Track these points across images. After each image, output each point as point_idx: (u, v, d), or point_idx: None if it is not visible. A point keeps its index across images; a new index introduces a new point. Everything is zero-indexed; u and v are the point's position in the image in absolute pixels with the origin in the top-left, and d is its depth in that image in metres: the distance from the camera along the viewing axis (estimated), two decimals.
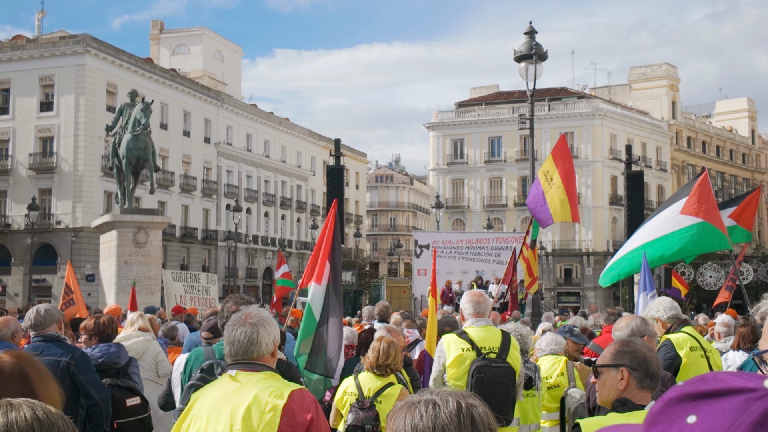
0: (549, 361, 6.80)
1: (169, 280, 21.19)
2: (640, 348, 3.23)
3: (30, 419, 1.53)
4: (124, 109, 22.87)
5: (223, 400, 3.05)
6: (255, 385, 3.06)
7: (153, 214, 24.16)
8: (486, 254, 33.02)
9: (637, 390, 3.13)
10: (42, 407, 1.59)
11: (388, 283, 41.94)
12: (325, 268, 6.57)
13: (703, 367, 5.82)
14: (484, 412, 1.68)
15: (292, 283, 17.43)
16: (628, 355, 3.18)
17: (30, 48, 47.06)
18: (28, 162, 46.10)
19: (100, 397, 4.94)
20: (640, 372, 3.14)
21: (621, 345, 3.28)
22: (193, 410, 3.14)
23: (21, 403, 1.58)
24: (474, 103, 68.86)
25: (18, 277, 44.51)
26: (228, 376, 3.14)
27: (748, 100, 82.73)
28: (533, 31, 16.98)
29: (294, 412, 2.98)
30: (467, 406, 1.66)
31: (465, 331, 5.60)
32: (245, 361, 3.16)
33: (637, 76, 71.72)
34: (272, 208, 64.28)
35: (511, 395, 5.34)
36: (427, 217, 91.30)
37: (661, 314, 6.03)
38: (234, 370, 3.14)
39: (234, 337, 3.20)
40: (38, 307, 5.64)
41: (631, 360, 3.16)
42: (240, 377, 3.10)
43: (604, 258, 61.17)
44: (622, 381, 3.14)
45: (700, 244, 8.83)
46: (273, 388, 3.05)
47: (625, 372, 3.14)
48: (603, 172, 62.19)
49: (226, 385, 3.12)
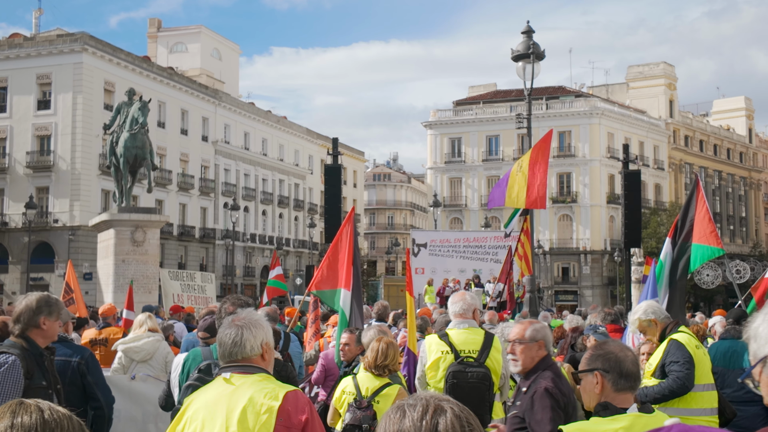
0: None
1: (166, 279, 21.20)
2: (613, 350, 3.22)
3: (35, 420, 1.54)
4: (122, 107, 22.85)
5: (217, 403, 3.06)
6: (249, 388, 3.07)
7: (151, 213, 24.15)
8: (483, 253, 33.06)
9: (614, 392, 3.12)
10: (50, 408, 1.61)
11: (385, 282, 41.92)
12: (351, 275, 6.66)
13: (707, 365, 5.88)
14: (454, 419, 1.71)
15: (285, 286, 17.35)
16: (600, 358, 3.18)
17: (27, 46, 47.01)
18: (26, 160, 46.05)
19: (106, 400, 4.92)
20: (613, 374, 3.13)
21: (594, 349, 3.29)
22: (188, 413, 3.14)
23: (31, 404, 1.60)
24: (472, 101, 68.91)
25: (15, 276, 44.47)
26: (222, 378, 3.15)
27: (746, 99, 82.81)
28: (531, 30, 17.00)
29: (289, 413, 3.00)
30: (433, 414, 1.70)
31: (447, 333, 5.61)
32: (238, 364, 3.17)
33: (635, 75, 71.79)
34: (270, 206, 64.29)
35: (487, 399, 5.33)
36: (424, 215, 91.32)
37: (658, 316, 6.05)
38: (228, 372, 3.15)
39: (221, 338, 3.24)
40: None
41: (604, 363, 3.16)
42: (234, 380, 3.12)
43: (602, 256, 61.28)
44: (597, 385, 3.14)
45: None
46: (267, 390, 3.06)
47: (599, 375, 3.14)
48: (600, 171, 62.27)
49: (220, 387, 3.13)
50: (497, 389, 5.49)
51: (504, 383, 5.57)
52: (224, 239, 54.75)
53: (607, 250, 60.65)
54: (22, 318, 4.38)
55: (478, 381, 5.30)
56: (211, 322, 6.23)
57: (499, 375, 5.45)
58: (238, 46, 75.83)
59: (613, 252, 57.19)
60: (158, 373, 7.08)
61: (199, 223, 55.83)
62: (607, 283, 60.57)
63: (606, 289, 60.64)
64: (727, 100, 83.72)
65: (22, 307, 4.42)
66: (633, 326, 6.38)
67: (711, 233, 9.34)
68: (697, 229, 9.34)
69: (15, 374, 4.13)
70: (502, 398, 5.66)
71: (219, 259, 56.18)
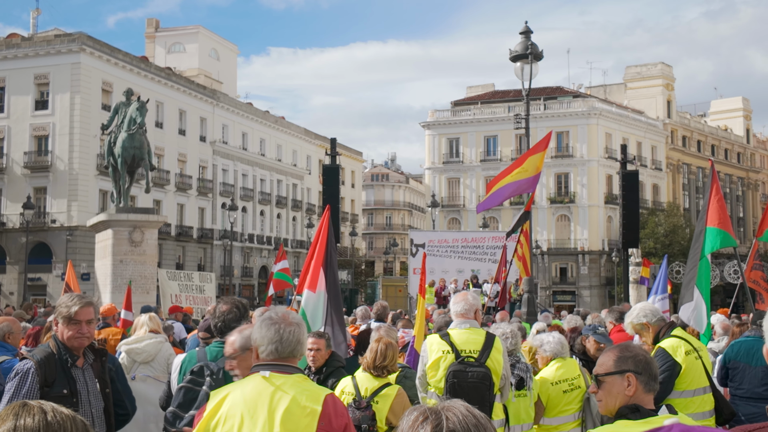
0: (565, 362, 6.56)
1: (164, 279, 21.17)
2: (640, 352, 3.20)
3: (38, 422, 1.54)
4: (120, 107, 22.83)
5: (258, 402, 3.01)
6: (290, 389, 3.02)
7: (148, 213, 24.13)
8: (482, 253, 33.06)
9: (644, 394, 3.09)
10: (54, 409, 1.61)
11: (383, 282, 41.93)
12: (319, 276, 6.57)
13: (698, 370, 5.83)
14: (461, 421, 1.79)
15: (290, 279, 17.43)
16: (631, 359, 3.13)
17: (25, 46, 46.96)
18: (23, 160, 46.01)
19: (132, 408, 4.85)
20: (645, 375, 3.10)
21: (621, 350, 3.22)
22: (222, 409, 3.05)
23: (34, 406, 1.60)
24: (469, 101, 68.96)
25: (13, 276, 44.42)
26: (261, 376, 3.08)
27: (743, 99, 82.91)
28: (529, 30, 17.01)
29: (330, 417, 2.98)
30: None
31: (448, 333, 5.62)
32: (279, 363, 3.12)
33: (633, 75, 71.87)
34: (268, 206, 64.28)
35: (487, 399, 5.33)
36: (422, 215, 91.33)
37: (650, 319, 6.02)
38: (267, 371, 3.08)
39: (283, 336, 3.13)
40: None
41: (636, 365, 3.11)
42: (274, 379, 3.06)
43: (599, 257, 61.34)
44: (630, 387, 3.08)
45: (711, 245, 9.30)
46: (308, 393, 3.03)
47: (632, 377, 3.09)
48: (598, 171, 62.32)
49: (260, 385, 3.06)
50: (497, 390, 5.49)
51: (504, 384, 5.57)
52: (222, 239, 54.73)
53: (605, 250, 60.70)
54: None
55: (479, 381, 5.31)
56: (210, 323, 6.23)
57: (499, 375, 5.46)
58: (236, 47, 75.81)
59: (610, 252, 57.25)
60: (159, 374, 7.07)
61: (197, 223, 55.80)
62: (604, 283, 60.62)
63: (604, 289, 60.69)
64: (725, 100, 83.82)
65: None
66: (627, 329, 6.37)
67: (725, 221, 9.29)
68: (712, 214, 9.29)
69: (27, 383, 4.03)
70: (503, 400, 5.66)
71: (217, 259, 56.15)
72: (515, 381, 5.97)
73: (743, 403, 6.95)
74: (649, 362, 3.15)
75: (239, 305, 5.01)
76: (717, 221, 9.20)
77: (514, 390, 5.94)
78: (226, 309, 4.91)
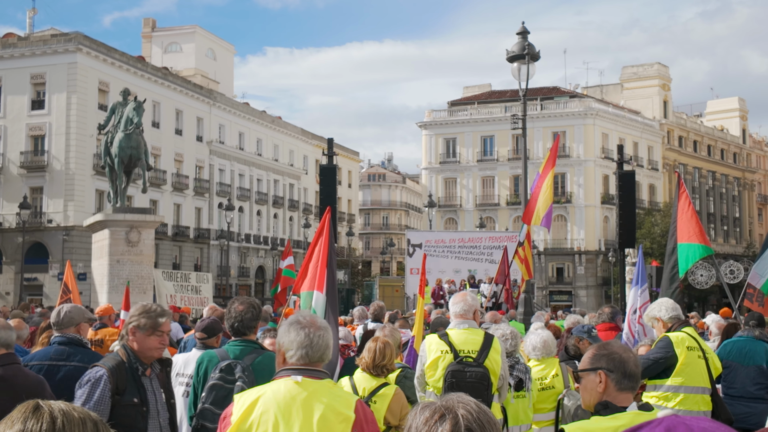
0: (543, 362, 6.71)
1: (160, 279, 21.15)
2: (617, 350, 3.28)
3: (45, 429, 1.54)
4: (117, 107, 22.83)
5: (293, 407, 3.01)
6: (324, 394, 3.04)
7: (145, 213, 24.13)
8: (478, 253, 33.08)
9: (617, 392, 3.18)
10: (64, 412, 1.60)
11: (380, 282, 41.90)
12: (325, 276, 6.63)
13: (700, 368, 5.85)
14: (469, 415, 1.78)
15: (295, 276, 17.36)
16: (605, 357, 3.23)
17: (21, 46, 46.87)
18: (20, 160, 45.93)
19: None
20: (617, 373, 3.19)
21: (598, 348, 3.34)
22: (255, 412, 3.04)
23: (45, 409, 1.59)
24: (466, 102, 68.98)
25: (9, 276, 44.35)
26: (293, 381, 3.07)
27: (740, 100, 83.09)
28: (526, 31, 17.03)
29: (362, 423, 3.01)
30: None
31: (446, 333, 5.64)
32: (310, 367, 3.11)
33: (629, 76, 71.98)
34: (264, 206, 64.25)
35: (485, 399, 5.34)
36: (419, 215, 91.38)
37: (663, 314, 6.05)
38: (299, 375, 3.08)
39: (314, 341, 3.11)
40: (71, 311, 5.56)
41: (608, 362, 3.21)
42: (306, 384, 3.06)
43: (596, 257, 61.44)
44: (600, 384, 3.19)
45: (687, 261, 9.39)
46: (341, 399, 3.06)
47: (603, 374, 3.19)
48: (595, 172, 62.41)
49: (293, 390, 3.05)
50: (495, 390, 5.50)
51: (502, 384, 5.58)
52: (219, 239, 54.67)
53: (602, 250, 60.78)
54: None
55: (477, 381, 5.32)
56: (210, 323, 6.24)
57: (497, 376, 5.47)
58: (233, 46, 75.79)
59: (607, 252, 57.33)
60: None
61: (193, 223, 55.75)
62: (601, 283, 60.70)
63: (600, 289, 60.77)
64: (721, 100, 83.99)
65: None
66: (645, 322, 6.49)
67: (698, 232, 9.25)
68: (682, 229, 9.28)
69: (99, 389, 4.00)
70: (501, 400, 5.67)
71: (214, 259, 56.12)
72: (514, 382, 5.99)
73: (735, 402, 6.99)
74: (624, 361, 3.22)
75: (255, 305, 5.11)
76: (687, 236, 9.19)
77: (513, 391, 5.97)
78: (243, 309, 4.97)
